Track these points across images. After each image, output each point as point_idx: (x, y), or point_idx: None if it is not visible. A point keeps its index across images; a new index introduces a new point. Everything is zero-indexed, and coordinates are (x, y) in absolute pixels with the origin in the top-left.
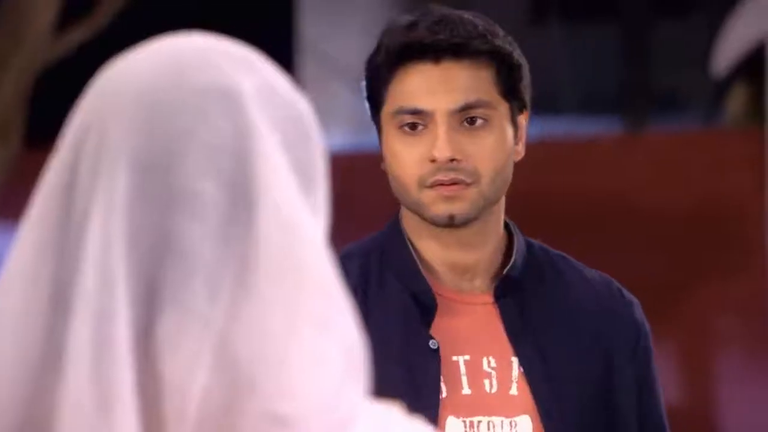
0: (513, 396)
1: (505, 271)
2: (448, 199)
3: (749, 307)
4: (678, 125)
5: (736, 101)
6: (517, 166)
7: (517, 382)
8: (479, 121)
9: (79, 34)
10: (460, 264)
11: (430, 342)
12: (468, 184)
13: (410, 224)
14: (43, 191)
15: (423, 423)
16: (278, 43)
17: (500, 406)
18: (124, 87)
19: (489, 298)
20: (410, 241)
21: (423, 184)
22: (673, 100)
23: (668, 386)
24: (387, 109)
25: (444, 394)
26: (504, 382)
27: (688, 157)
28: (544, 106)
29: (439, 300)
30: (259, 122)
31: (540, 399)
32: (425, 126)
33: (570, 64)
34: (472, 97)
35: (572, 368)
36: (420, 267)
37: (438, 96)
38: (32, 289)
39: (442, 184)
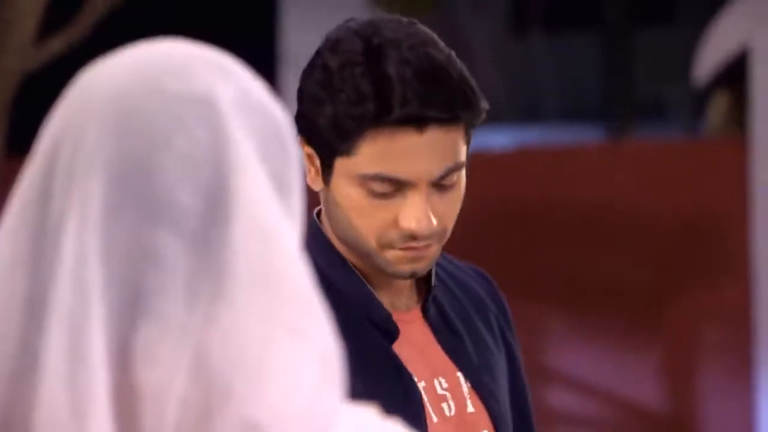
0: (471, 413)
1: (433, 282)
2: (416, 259)
3: (732, 314)
4: (660, 133)
5: (718, 109)
6: (501, 174)
7: (469, 398)
8: (451, 182)
9: (60, 43)
10: (394, 284)
11: (412, 377)
12: (433, 243)
13: (342, 248)
14: (19, 197)
15: (400, 425)
16: (261, 55)
17: (463, 428)
18: (99, 92)
19: (417, 313)
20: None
21: (389, 245)
22: (656, 109)
23: (652, 393)
24: (353, 166)
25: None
26: (459, 402)
27: (670, 165)
28: (527, 114)
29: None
30: (236, 130)
31: (492, 410)
32: (397, 190)
33: (553, 73)
34: (450, 162)
35: (499, 368)
36: (373, 292)
37: (422, 166)
38: (7, 299)
39: (412, 247)
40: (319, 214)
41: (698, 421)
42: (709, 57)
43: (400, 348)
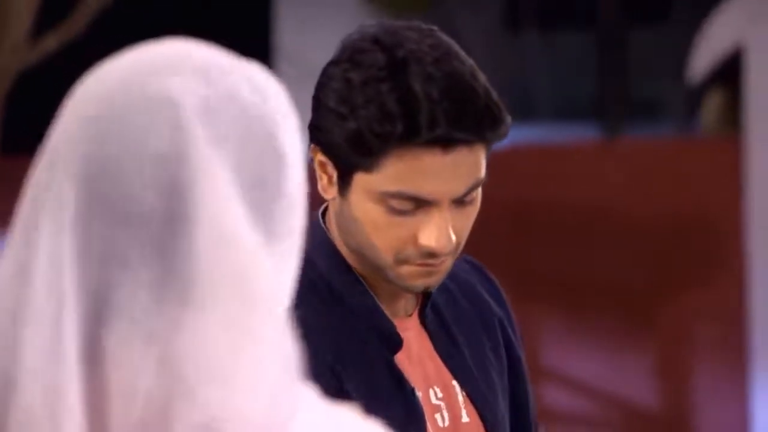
0: (465, 423)
1: (432, 291)
2: (430, 274)
3: (727, 312)
4: (655, 132)
5: (712, 108)
6: (494, 172)
7: (464, 407)
8: (471, 198)
9: (54, 41)
10: (399, 293)
11: (414, 390)
12: (448, 258)
13: (348, 254)
14: (21, 205)
15: (379, 425)
16: (255, 49)
17: None
18: (85, 94)
19: (415, 320)
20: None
21: (404, 261)
22: (650, 108)
23: (647, 391)
24: (374, 182)
25: None
26: (454, 412)
27: (664, 164)
28: (521, 113)
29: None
30: (200, 134)
31: (486, 420)
32: (418, 208)
33: (546, 72)
34: (472, 180)
35: (498, 375)
36: (378, 302)
37: (446, 185)
38: (3, 306)
39: (428, 264)
40: (324, 214)
41: (694, 420)
42: (704, 55)
43: (397, 357)
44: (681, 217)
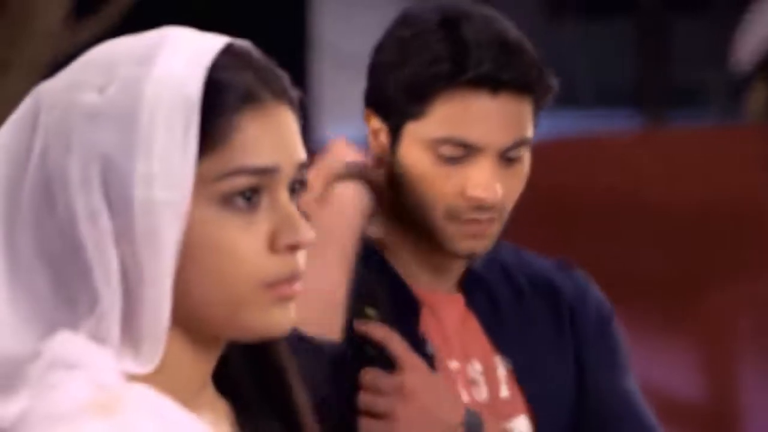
0: (504, 398)
1: (473, 268)
2: (477, 236)
3: (765, 304)
4: (697, 121)
5: (756, 97)
6: (534, 160)
7: (506, 382)
8: (517, 155)
9: (92, 27)
10: (440, 267)
11: (427, 347)
12: (495, 219)
13: (392, 228)
14: None
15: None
16: (291, 37)
17: (494, 412)
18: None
19: (460, 300)
20: (384, 244)
21: (454, 216)
22: (692, 96)
23: (684, 384)
24: (424, 130)
25: None
26: (493, 386)
27: (706, 153)
28: (562, 100)
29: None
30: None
31: (532, 395)
32: (466, 156)
33: (588, 59)
34: (519, 135)
35: (553, 354)
36: (397, 271)
37: (493, 132)
38: None
39: (476, 221)
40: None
41: (734, 411)
42: (748, 44)
43: (429, 326)
44: (724, 206)
